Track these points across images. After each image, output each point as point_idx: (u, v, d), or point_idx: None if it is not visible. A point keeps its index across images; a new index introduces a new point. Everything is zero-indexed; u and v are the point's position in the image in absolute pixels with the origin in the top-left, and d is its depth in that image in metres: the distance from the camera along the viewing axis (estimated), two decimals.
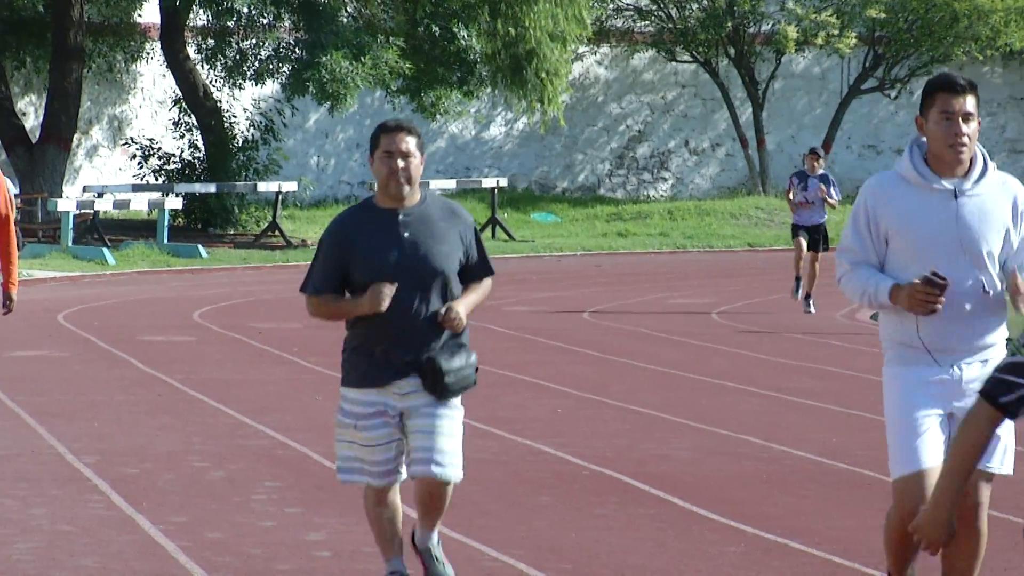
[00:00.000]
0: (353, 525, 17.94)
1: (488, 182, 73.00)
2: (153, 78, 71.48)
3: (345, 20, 65.85)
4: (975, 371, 10.34)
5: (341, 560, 16.36)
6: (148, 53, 70.73)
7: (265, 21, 66.25)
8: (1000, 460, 10.41)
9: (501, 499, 19.72)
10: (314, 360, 32.23)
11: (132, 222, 62.17)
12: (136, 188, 65.64)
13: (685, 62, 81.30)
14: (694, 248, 65.85)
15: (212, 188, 65.15)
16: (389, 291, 11.57)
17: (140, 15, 68.33)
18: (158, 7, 66.28)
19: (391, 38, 65.99)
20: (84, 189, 63.77)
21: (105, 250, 56.81)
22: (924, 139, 10.32)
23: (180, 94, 67.58)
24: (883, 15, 77.27)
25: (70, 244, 55.20)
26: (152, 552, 16.60)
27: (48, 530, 17.29)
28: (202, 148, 67.18)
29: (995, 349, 10.43)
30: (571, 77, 71.29)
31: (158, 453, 22.06)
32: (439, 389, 11.68)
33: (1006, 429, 10.09)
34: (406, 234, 11.69)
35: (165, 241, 60.56)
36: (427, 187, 11.71)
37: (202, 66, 67.33)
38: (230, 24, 66.80)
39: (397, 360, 11.74)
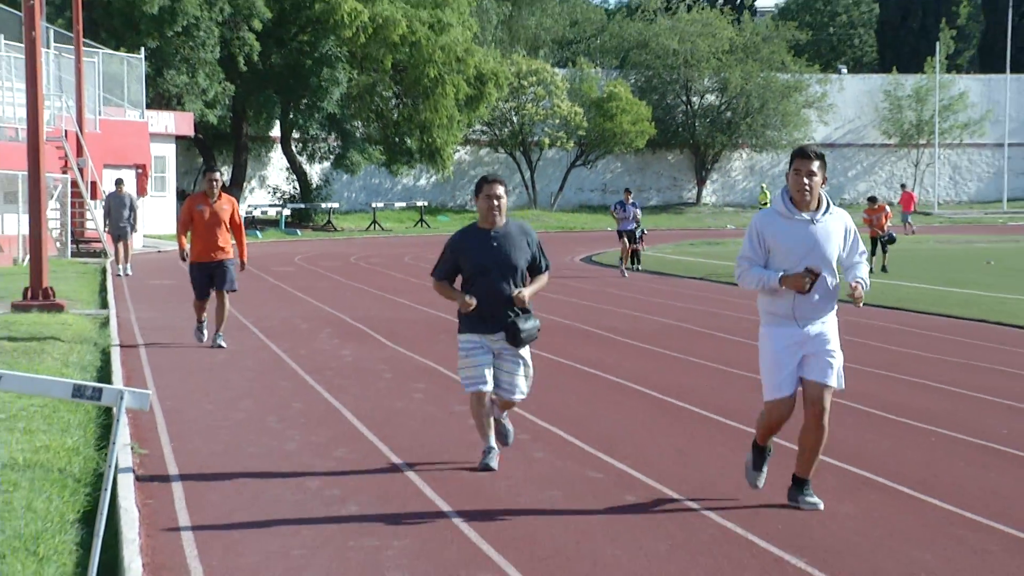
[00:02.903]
0: (364, 349, 17.94)
1: (420, 203, 72.11)
2: (276, 158, 70.66)
3: (358, 135, 65.23)
4: (817, 328, 8.72)
5: (358, 362, 16.48)
6: (274, 148, 70.00)
7: (323, 136, 65.73)
8: (838, 380, 8.83)
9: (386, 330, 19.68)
10: (346, 279, 32.05)
11: (268, 219, 61.34)
12: (271, 205, 64.92)
13: (501, 153, 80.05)
14: None
15: (302, 205, 64.55)
16: (472, 303, 9.86)
17: (271, 131, 67.54)
18: (279, 127, 65.71)
19: (376, 144, 65.48)
20: (248, 206, 63.13)
21: (257, 232, 56.20)
22: (787, 188, 8.86)
23: (289, 165, 66.85)
24: (584, 133, 76.66)
25: None
26: (276, 358, 16.78)
27: (232, 350, 17.30)
28: (298, 188, 66.43)
29: (831, 316, 8.86)
30: (455, 159, 70.76)
31: (279, 317, 22.10)
32: (517, 341, 9.91)
33: (839, 355, 8.87)
34: (495, 244, 9.97)
35: (283, 228, 60.04)
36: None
37: (298, 154, 66.70)
38: (307, 138, 66.38)
39: (491, 321, 9.92)
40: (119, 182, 33.02)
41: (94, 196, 40.65)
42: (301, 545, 7.98)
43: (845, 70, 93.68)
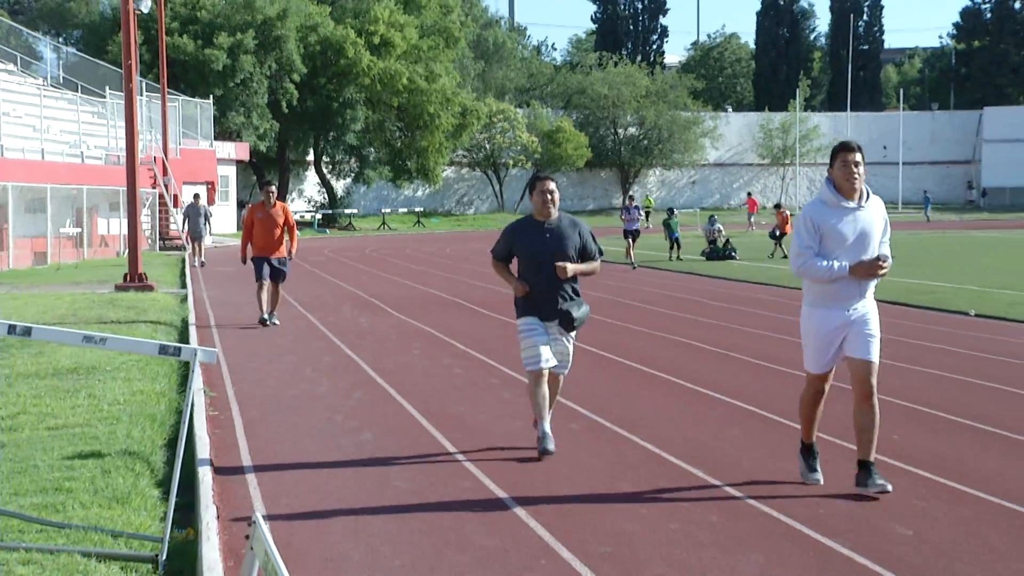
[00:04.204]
0: (376, 318, 17.87)
1: (417, 209, 72.05)
2: (311, 176, 70.28)
3: (371, 158, 65.05)
4: (859, 312, 7.04)
5: (372, 327, 16.47)
6: (309, 168, 69.63)
7: (346, 159, 65.59)
8: (877, 354, 7.08)
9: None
10: (362, 266, 31.94)
11: (304, 222, 60.50)
12: (306, 211, 64.50)
13: (478, 171, 79.73)
14: (484, 230, 65.00)
15: (330, 211, 64.20)
16: (525, 289, 8.13)
17: (307, 156, 67.26)
18: (313, 153, 65.46)
19: (385, 165, 65.33)
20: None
21: (297, 232, 56.03)
22: (831, 179, 7.08)
23: (320, 181, 66.61)
24: (539, 156, 76.53)
25: None
26: (311, 324, 16.74)
27: (281, 328, 17.06)
28: (327, 198, 66.20)
29: (870, 298, 7.14)
30: (443, 176, 70.58)
31: (314, 294, 22.01)
32: (570, 327, 8.13)
33: (878, 333, 7.15)
34: (548, 236, 8.20)
35: (316, 228, 59.69)
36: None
37: (327, 172, 66.47)
38: (334, 161, 66.23)
39: (546, 307, 8.13)
40: (196, 196, 32.92)
41: (176, 205, 40.66)
42: (330, 463, 7.97)
43: (731, 109, 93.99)
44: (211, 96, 50.23)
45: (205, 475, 7.25)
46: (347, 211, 65.31)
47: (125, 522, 6.19)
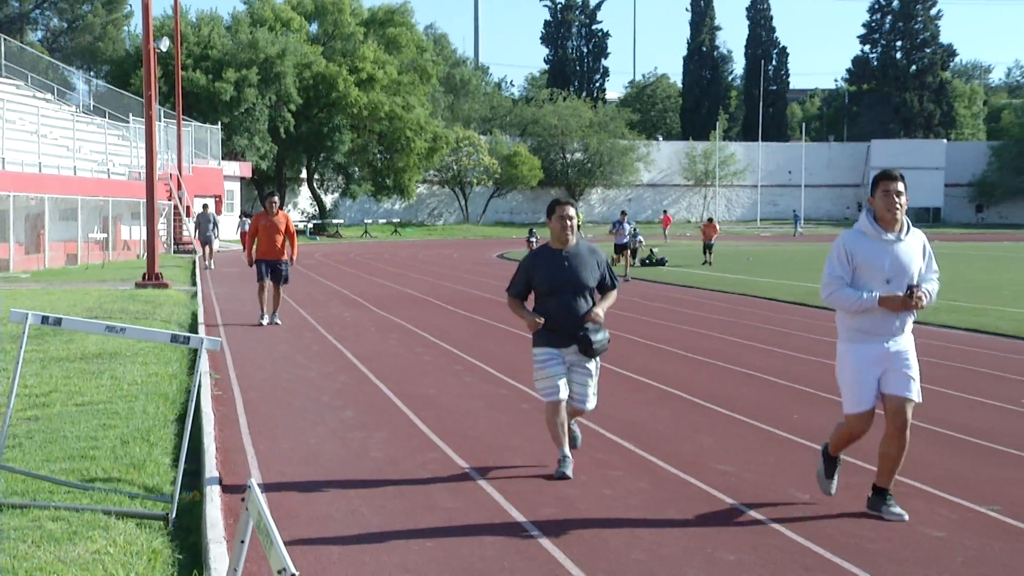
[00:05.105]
0: (358, 312, 17.72)
1: (395, 220, 71.72)
2: (303, 191, 69.76)
3: (356, 176, 64.69)
4: (898, 346, 5.77)
5: (355, 321, 16.32)
6: (302, 184, 69.09)
7: (334, 177, 65.17)
8: (918, 393, 5.76)
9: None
10: (347, 268, 31.73)
11: (298, 230, 60.21)
12: (300, 221, 63.94)
13: (447, 188, 79.30)
14: (452, 238, 64.81)
15: (320, 221, 63.75)
16: (540, 323, 6.65)
17: (300, 174, 66.75)
18: (306, 171, 64.99)
19: (367, 181, 65.00)
20: None
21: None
22: (871, 209, 5.83)
23: (312, 195, 66.14)
24: (498, 176, 76.45)
25: None
26: (302, 318, 16.53)
27: (288, 328, 16.57)
28: (317, 209, 65.75)
29: (908, 333, 5.84)
30: (417, 192, 70.30)
31: (307, 292, 21.76)
32: (589, 352, 6.67)
33: (917, 370, 5.85)
34: (567, 264, 6.75)
35: (308, 236, 59.20)
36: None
37: (317, 188, 65.97)
38: (324, 178, 65.73)
39: (564, 335, 6.69)
40: (205, 207, 32.65)
41: (188, 215, 40.30)
42: (317, 436, 7.92)
43: (661, 138, 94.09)
44: (219, 122, 49.89)
45: (210, 446, 7.18)
46: (335, 221, 64.98)
47: (140, 485, 6.14)
